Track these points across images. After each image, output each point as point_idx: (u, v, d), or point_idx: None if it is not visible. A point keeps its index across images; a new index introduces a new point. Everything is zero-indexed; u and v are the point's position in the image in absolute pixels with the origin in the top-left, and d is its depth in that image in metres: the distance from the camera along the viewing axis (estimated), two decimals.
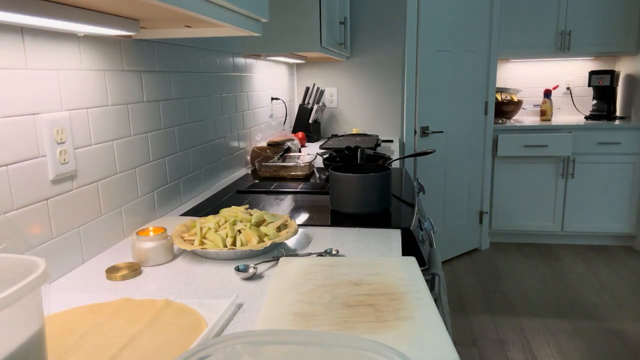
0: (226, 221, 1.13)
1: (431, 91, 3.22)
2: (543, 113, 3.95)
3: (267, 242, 1.07)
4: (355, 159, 1.83)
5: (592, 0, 3.62)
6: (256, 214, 1.17)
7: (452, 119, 3.38)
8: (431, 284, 1.26)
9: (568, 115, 4.14)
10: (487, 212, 3.72)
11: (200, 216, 1.40)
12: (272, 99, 2.57)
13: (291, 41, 2.04)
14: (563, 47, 3.72)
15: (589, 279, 3.21)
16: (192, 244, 1.08)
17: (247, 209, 1.22)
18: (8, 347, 0.50)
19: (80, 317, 0.81)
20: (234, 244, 1.08)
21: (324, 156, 1.95)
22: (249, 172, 2.07)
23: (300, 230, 1.27)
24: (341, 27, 2.55)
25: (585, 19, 3.66)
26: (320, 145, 2.39)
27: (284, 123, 2.80)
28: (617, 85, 3.85)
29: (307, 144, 2.80)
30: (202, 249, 1.05)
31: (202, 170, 1.71)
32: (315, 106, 2.85)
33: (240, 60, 2.08)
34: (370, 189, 1.34)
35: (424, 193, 2.85)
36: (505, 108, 3.91)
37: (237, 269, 0.98)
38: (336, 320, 0.77)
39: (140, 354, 0.69)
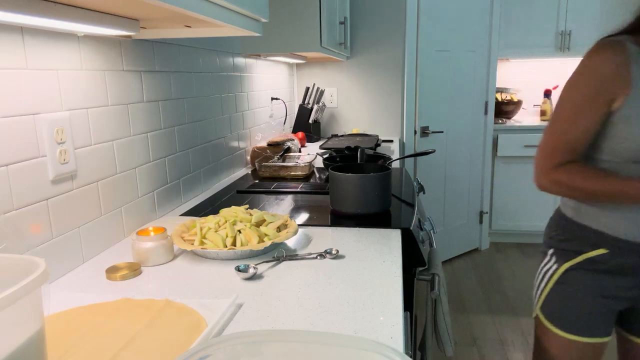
0: (226, 221, 1.13)
1: (431, 91, 3.22)
2: (543, 113, 3.94)
3: (267, 242, 1.07)
4: (355, 159, 1.83)
5: (592, 0, 3.62)
6: (256, 214, 1.17)
7: (452, 119, 3.38)
8: (431, 284, 1.26)
9: None
10: (487, 212, 3.72)
11: (200, 216, 1.40)
12: (272, 99, 2.57)
13: (291, 41, 2.04)
14: (563, 47, 3.72)
15: None
16: (192, 244, 1.08)
17: (247, 209, 1.22)
18: (8, 347, 0.50)
19: (80, 317, 0.81)
20: (234, 244, 1.08)
21: (324, 156, 1.95)
22: (249, 172, 2.07)
23: (300, 230, 1.27)
24: (341, 27, 2.55)
25: (585, 19, 3.66)
26: (320, 145, 2.39)
27: (284, 123, 2.80)
28: None
29: (307, 144, 2.80)
30: (202, 249, 1.05)
31: (202, 170, 1.71)
32: (315, 106, 2.85)
33: (240, 60, 2.08)
34: (370, 189, 1.34)
35: (424, 193, 2.85)
36: (505, 108, 3.91)
37: (238, 269, 0.98)
38: None
39: (140, 354, 0.69)
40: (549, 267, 1.22)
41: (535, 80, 4.13)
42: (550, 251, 1.23)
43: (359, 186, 1.34)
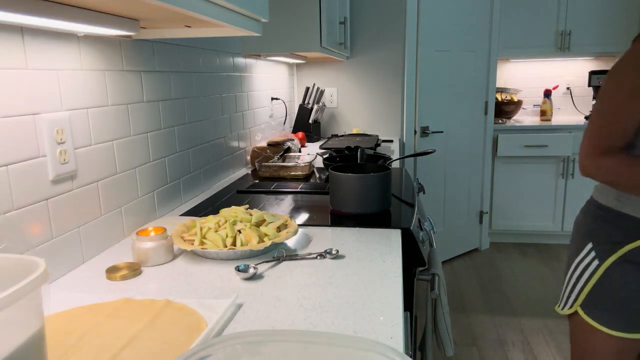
0: (226, 221, 1.13)
1: (431, 91, 3.22)
2: (543, 113, 3.95)
3: (267, 242, 1.07)
4: (355, 159, 1.83)
5: (592, 0, 3.62)
6: (256, 214, 1.17)
7: (452, 119, 3.38)
8: (431, 284, 1.26)
9: (568, 115, 4.14)
10: (487, 212, 3.72)
11: (200, 216, 1.40)
12: (272, 99, 2.57)
13: (291, 41, 2.04)
14: (563, 47, 3.72)
15: None
16: (192, 244, 1.08)
17: (247, 209, 1.22)
18: (8, 347, 0.50)
19: (80, 317, 0.81)
20: (234, 244, 1.08)
21: (324, 156, 1.95)
22: (249, 172, 2.07)
23: (300, 230, 1.27)
24: (341, 27, 2.55)
25: (585, 19, 3.66)
26: (320, 145, 2.39)
27: (284, 123, 2.80)
28: None
29: (307, 144, 2.80)
30: (202, 249, 1.05)
31: (202, 170, 1.71)
32: (315, 106, 2.85)
33: (240, 60, 2.08)
34: (370, 189, 1.34)
35: (424, 193, 2.85)
36: (505, 108, 3.91)
37: (237, 269, 0.98)
38: None
39: (140, 354, 0.69)
40: (589, 263, 1.18)
41: (535, 80, 4.13)
42: (589, 245, 1.18)
43: (359, 186, 1.34)
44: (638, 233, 1.10)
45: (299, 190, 1.68)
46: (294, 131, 2.88)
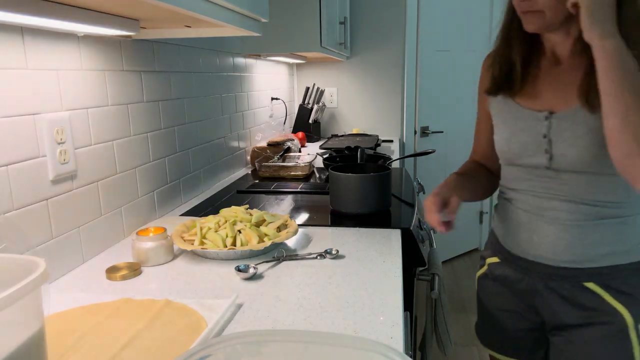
0: (226, 221, 1.13)
1: (431, 91, 3.22)
2: None
3: (267, 242, 1.07)
4: (355, 159, 1.83)
5: None
6: (256, 214, 1.17)
7: (452, 119, 3.38)
8: (431, 284, 1.26)
9: None
10: (487, 212, 3.72)
11: (200, 216, 1.40)
12: (272, 99, 2.57)
13: (291, 41, 2.04)
14: None
15: None
16: (192, 244, 1.08)
17: (247, 209, 1.22)
18: (8, 347, 0.50)
19: (80, 317, 0.81)
20: (234, 244, 1.08)
21: (324, 156, 1.95)
22: (249, 172, 2.07)
23: (300, 230, 1.27)
24: (341, 27, 2.55)
25: None
26: (320, 145, 2.39)
27: (284, 123, 2.80)
28: None
29: (307, 144, 2.80)
30: (202, 249, 1.05)
31: (202, 170, 1.71)
32: (315, 106, 2.85)
33: (240, 60, 2.08)
34: (370, 189, 1.34)
35: (424, 193, 2.85)
36: None
37: (238, 269, 0.98)
38: None
39: (140, 354, 0.69)
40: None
41: None
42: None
43: (359, 186, 1.34)
44: (498, 248, 1.09)
45: (299, 190, 1.68)
46: (294, 131, 2.88)
